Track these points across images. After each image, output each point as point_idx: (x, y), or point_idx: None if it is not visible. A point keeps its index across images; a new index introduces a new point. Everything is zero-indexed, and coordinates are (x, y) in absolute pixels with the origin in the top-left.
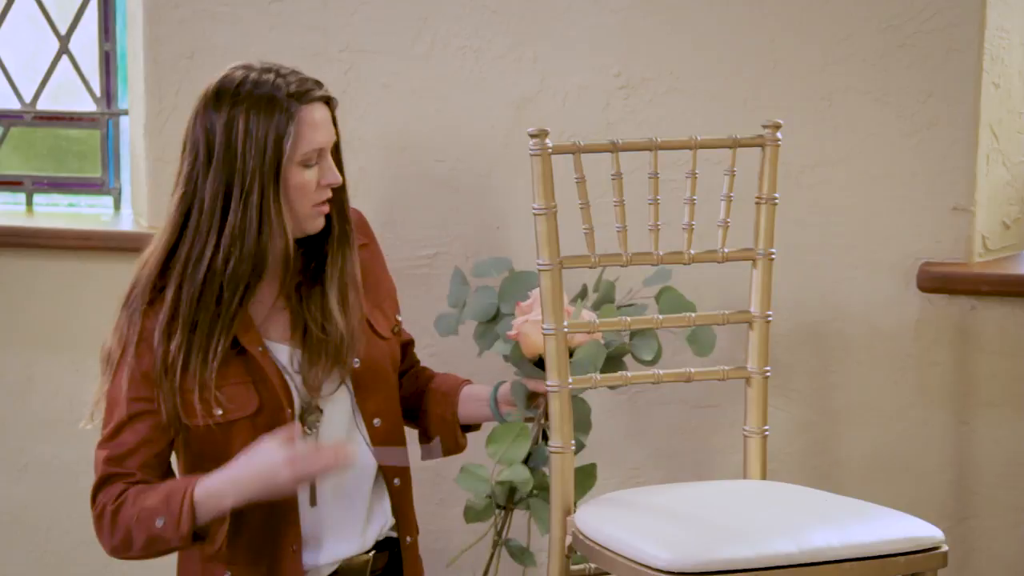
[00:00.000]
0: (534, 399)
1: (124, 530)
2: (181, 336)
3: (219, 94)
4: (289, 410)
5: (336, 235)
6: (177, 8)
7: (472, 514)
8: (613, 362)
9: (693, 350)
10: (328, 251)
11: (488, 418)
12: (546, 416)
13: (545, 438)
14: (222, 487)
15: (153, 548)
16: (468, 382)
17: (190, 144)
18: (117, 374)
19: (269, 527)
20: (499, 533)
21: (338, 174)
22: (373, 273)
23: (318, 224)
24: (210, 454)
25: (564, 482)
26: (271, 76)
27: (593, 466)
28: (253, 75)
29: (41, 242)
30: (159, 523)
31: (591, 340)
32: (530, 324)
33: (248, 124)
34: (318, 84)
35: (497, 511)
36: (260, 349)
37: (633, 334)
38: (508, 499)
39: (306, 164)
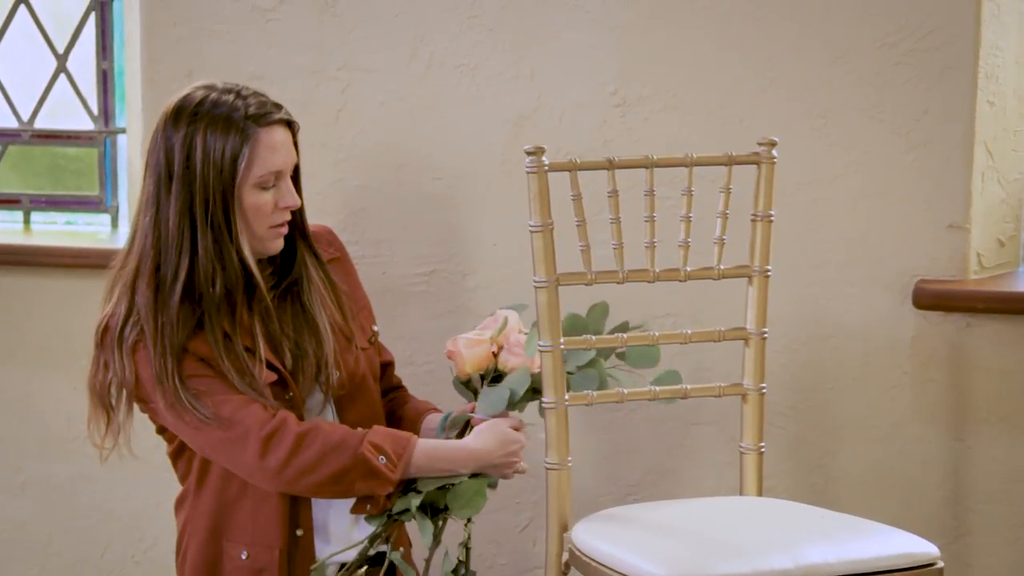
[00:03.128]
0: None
1: (313, 456)
2: (173, 359)
3: (178, 113)
4: (290, 395)
5: (300, 256)
6: (174, 27)
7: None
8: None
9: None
10: (294, 272)
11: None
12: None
13: None
14: (452, 447)
15: (339, 485)
16: (434, 409)
17: (152, 163)
18: (150, 397)
19: (286, 509)
20: (374, 542)
21: (296, 197)
22: (346, 286)
23: (276, 246)
24: None
25: (560, 498)
26: (231, 97)
27: (482, 482)
28: (213, 95)
29: (39, 260)
30: (380, 460)
31: (522, 366)
32: (464, 343)
33: (205, 143)
34: (278, 107)
35: (388, 519)
36: (251, 343)
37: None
38: (399, 514)
39: (263, 186)
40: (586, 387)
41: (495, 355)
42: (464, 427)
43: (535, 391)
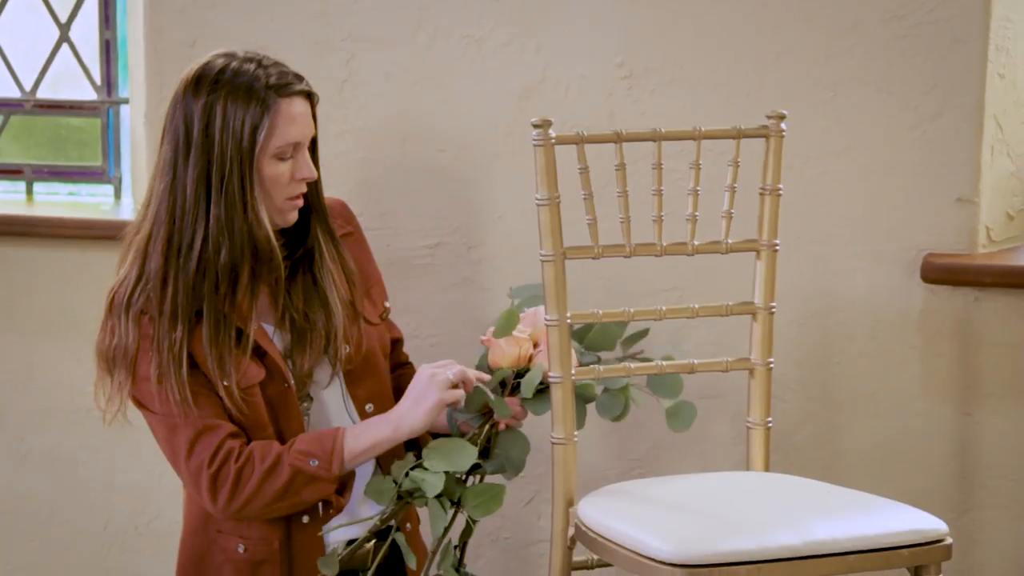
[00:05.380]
0: (486, 409)
1: (254, 484)
2: (183, 327)
3: (199, 80)
4: (287, 384)
5: (313, 228)
6: None
7: (372, 490)
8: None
9: (670, 423)
10: (308, 244)
11: (445, 426)
12: (494, 429)
13: (485, 453)
14: (374, 421)
15: (285, 500)
16: None
17: (170, 130)
18: (138, 368)
19: None
20: (389, 519)
21: (313, 169)
22: (359, 260)
23: (291, 218)
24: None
25: (566, 473)
26: (252, 66)
27: (501, 488)
28: (234, 64)
29: (41, 231)
30: (312, 464)
31: (539, 364)
32: (506, 339)
33: (225, 112)
34: (299, 78)
35: (398, 500)
36: (256, 327)
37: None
38: (410, 494)
39: (280, 157)
40: (612, 411)
41: (532, 356)
42: (487, 417)
43: (542, 387)
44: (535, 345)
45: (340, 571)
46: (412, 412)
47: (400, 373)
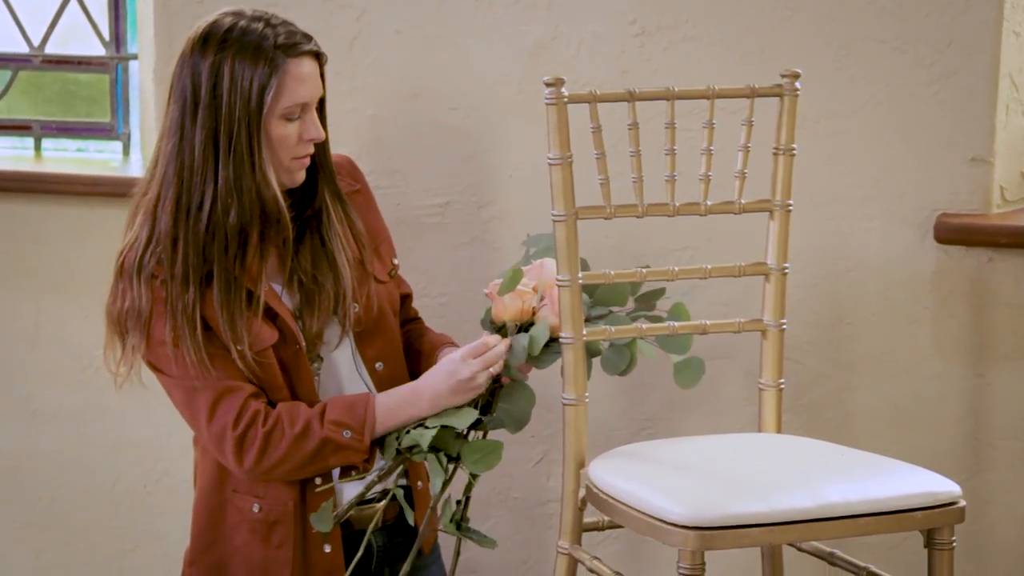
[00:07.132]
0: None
1: (283, 449)
2: (195, 288)
3: (206, 39)
4: (299, 346)
5: (321, 189)
6: None
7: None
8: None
9: (677, 379)
10: (315, 205)
11: None
12: (498, 383)
13: (486, 409)
14: (408, 398)
15: (313, 465)
16: (450, 343)
17: (177, 90)
18: (153, 332)
19: None
20: (387, 475)
21: (321, 130)
22: (366, 218)
23: (298, 178)
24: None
25: (577, 434)
26: (260, 25)
27: (499, 444)
28: (242, 22)
29: (49, 187)
30: (346, 435)
31: (544, 318)
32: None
33: (233, 72)
34: (307, 38)
35: (397, 454)
36: (267, 289)
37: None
38: (409, 450)
39: (288, 117)
40: (617, 366)
41: (535, 310)
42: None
43: (553, 341)
44: (540, 298)
45: (351, 531)
46: (449, 400)
47: (409, 329)
